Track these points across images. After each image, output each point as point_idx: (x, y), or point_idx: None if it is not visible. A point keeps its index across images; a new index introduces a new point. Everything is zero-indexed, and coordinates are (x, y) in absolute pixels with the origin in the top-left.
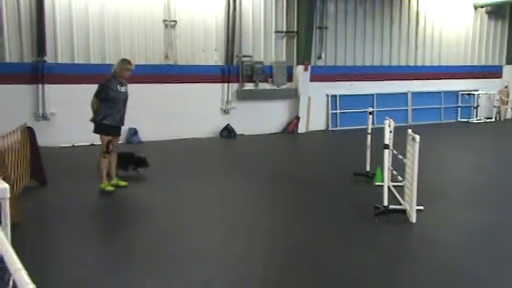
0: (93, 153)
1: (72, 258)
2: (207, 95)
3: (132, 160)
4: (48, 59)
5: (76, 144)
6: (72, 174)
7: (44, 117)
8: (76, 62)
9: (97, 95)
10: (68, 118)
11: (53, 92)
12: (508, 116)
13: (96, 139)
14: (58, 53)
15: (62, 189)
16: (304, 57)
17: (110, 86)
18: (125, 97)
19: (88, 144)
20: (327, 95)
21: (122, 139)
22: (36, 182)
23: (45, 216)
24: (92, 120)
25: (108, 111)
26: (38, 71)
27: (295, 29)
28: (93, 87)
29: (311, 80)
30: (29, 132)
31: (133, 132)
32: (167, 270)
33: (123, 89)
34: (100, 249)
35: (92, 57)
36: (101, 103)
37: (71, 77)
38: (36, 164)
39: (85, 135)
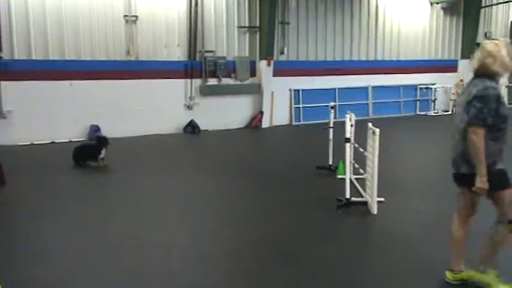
0: (53, 151)
1: (33, 258)
2: (170, 91)
3: (99, 146)
4: (4, 55)
5: (35, 142)
6: (31, 173)
7: (1, 114)
8: (34, 58)
9: (483, 121)
10: (26, 115)
11: (10, 89)
12: None
13: (58, 136)
14: (14, 49)
15: (21, 188)
16: (266, 52)
17: (499, 98)
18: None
19: (48, 142)
20: (290, 90)
21: (83, 136)
22: None
23: (3, 216)
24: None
25: (496, 147)
26: None
27: (258, 24)
28: (53, 84)
29: (274, 75)
30: None
31: (96, 129)
32: (129, 263)
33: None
34: (61, 246)
35: (51, 53)
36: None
37: (29, 73)
38: None
39: (44, 132)
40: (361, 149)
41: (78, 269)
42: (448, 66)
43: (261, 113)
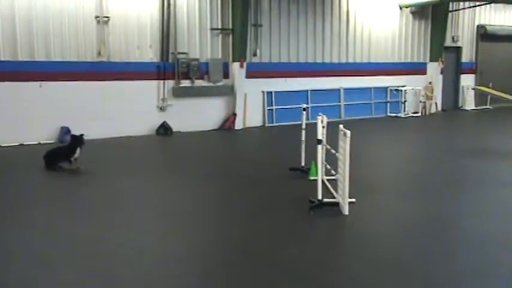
0: (22, 154)
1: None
2: (142, 92)
3: (73, 145)
4: None
5: (3, 145)
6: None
7: None
8: (2, 59)
9: None
10: None
11: None
12: (433, 110)
13: (27, 138)
14: None
15: None
16: (239, 54)
17: None
18: None
19: (17, 144)
20: (263, 92)
21: (53, 138)
22: None
23: None
24: None
25: None
26: None
27: (231, 26)
28: (22, 85)
29: (247, 77)
30: None
31: (66, 131)
32: (101, 270)
33: None
34: (28, 250)
35: (20, 55)
36: None
37: None
38: None
39: (13, 135)
40: (333, 151)
41: (45, 274)
42: (417, 69)
43: (234, 114)
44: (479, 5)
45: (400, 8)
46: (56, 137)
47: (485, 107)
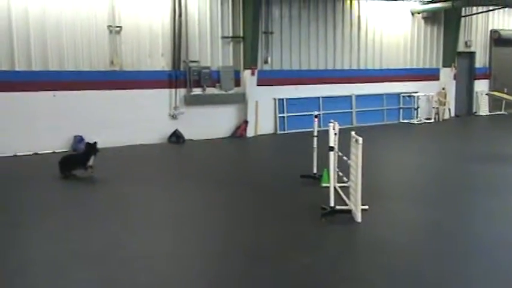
0: (36, 162)
1: (13, 269)
2: (154, 101)
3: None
4: None
5: (19, 154)
6: (14, 183)
7: None
8: (17, 69)
9: None
10: (9, 127)
11: None
12: (446, 116)
13: (41, 147)
14: None
15: (2, 199)
16: (250, 62)
17: None
18: None
19: (31, 153)
20: (274, 99)
21: (67, 147)
22: None
23: None
24: None
25: None
26: None
27: (242, 34)
28: (36, 95)
29: (258, 84)
30: None
31: (79, 139)
32: (116, 275)
33: None
34: (43, 259)
35: (34, 64)
36: None
37: (12, 84)
38: None
39: (28, 144)
40: (345, 158)
41: (61, 282)
42: (430, 75)
43: (246, 122)
44: (492, 10)
45: (412, 14)
46: (70, 146)
47: (499, 112)
